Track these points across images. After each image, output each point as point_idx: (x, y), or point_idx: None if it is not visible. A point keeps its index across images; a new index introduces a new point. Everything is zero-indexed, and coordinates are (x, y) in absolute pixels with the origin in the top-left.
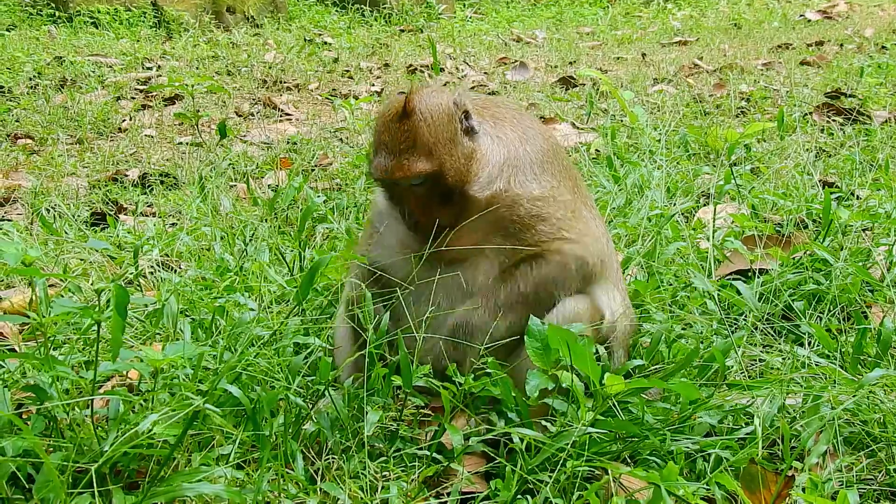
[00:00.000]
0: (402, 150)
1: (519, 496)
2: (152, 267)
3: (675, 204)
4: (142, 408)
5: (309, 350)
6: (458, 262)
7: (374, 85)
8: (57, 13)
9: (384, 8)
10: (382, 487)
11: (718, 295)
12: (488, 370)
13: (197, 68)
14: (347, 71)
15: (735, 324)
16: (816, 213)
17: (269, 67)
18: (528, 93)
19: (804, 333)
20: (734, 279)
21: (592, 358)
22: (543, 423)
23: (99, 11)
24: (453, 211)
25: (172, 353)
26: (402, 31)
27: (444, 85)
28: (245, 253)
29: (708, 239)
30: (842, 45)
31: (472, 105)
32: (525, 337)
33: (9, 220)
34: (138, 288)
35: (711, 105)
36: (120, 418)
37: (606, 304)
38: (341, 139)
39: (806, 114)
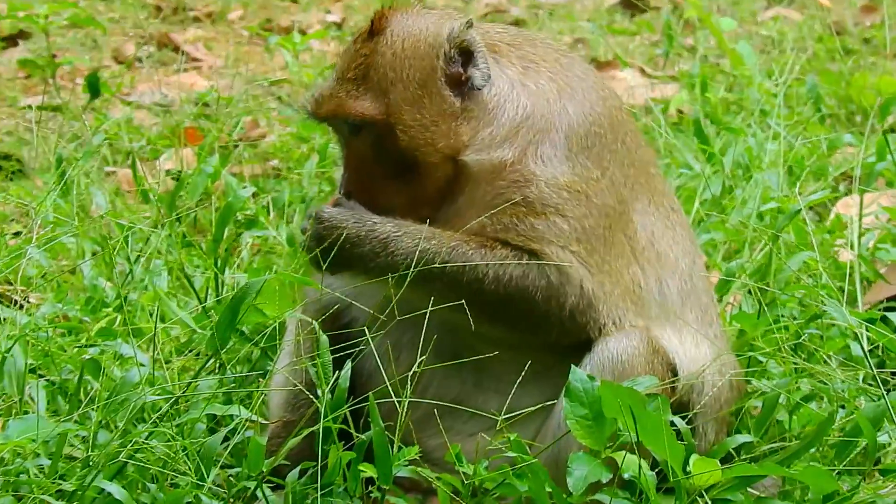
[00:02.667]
0: (344, 76)
1: None
2: None
3: (800, 193)
4: None
5: (231, 426)
6: None
7: (330, 12)
8: None
9: None
10: None
11: (867, 334)
12: (509, 452)
13: None
14: None
15: (892, 379)
16: None
17: None
18: (571, 22)
19: None
20: (891, 309)
21: (671, 431)
22: None
23: None
24: (411, 189)
25: (17, 434)
26: None
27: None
28: (130, 277)
29: (851, 247)
30: None
31: (492, 42)
32: (563, 398)
33: None
34: None
35: (857, 39)
36: None
37: (677, 348)
38: (280, 98)
39: None
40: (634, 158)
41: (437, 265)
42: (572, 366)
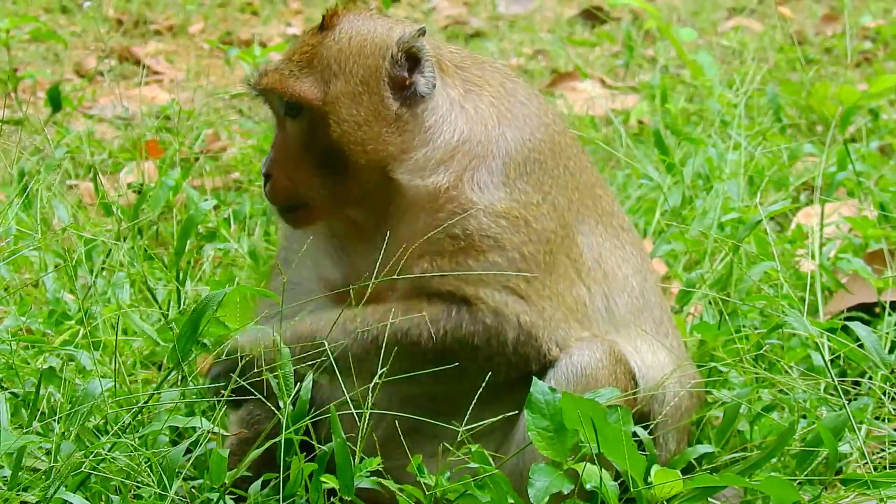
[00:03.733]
0: (290, 57)
1: None
2: None
3: (761, 203)
4: None
5: (193, 438)
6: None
7: (290, 25)
8: None
9: None
10: None
11: (828, 344)
12: (471, 463)
13: (14, 2)
14: (250, 3)
15: (853, 389)
16: None
17: (128, 0)
18: (531, 33)
19: None
20: (852, 319)
21: (632, 442)
22: None
23: None
24: (334, 186)
25: None
26: None
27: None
28: (93, 290)
29: (813, 257)
30: None
31: (441, 58)
32: (525, 410)
33: None
34: None
35: (818, 49)
36: None
37: (635, 357)
38: (241, 110)
39: None
40: (578, 183)
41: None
42: (534, 378)
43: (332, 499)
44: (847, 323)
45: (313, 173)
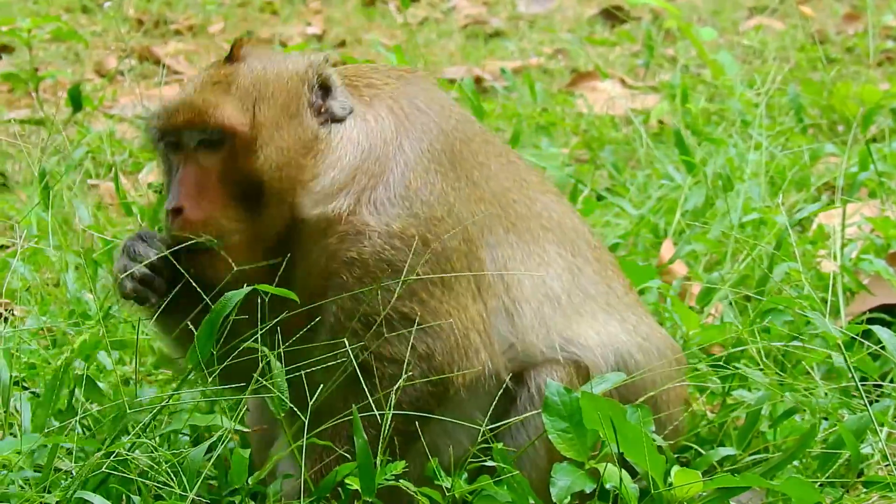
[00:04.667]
0: (202, 88)
1: None
2: None
3: (782, 204)
4: None
5: (216, 437)
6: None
7: (310, 24)
8: None
9: None
10: None
11: (850, 345)
12: (489, 462)
13: (35, 2)
14: (270, 2)
15: (876, 390)
16: None
17: (148, 0)
18: (551, 33)
19: None
20: (874, 320)
21: (651, 442)
22: None
23: None
24: (255, 221)
25: (4, 447)
26: None
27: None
28: (113, 290)
29: (834, 258)
30: None
31: (345, 75)
32: (542, 413)
33: None
34: None
35: (839, 48)
36: None
37: (596, 341)
38: None
39: None
40: (484, 192)
41: None
42: (548, 380)
43: (355, 502)
44: (869, 325)
45: (228, 205)
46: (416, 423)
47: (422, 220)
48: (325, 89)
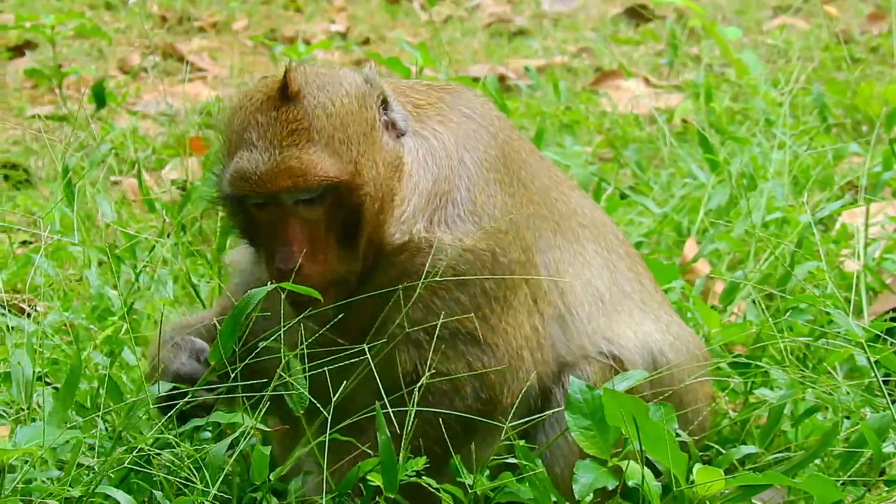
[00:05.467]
0: (286, 141)
1: None
2: None
3: (806, 203)
4: None
5: (238, 433)
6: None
7: (334, 22)
8: None
9: None
10: None
11: (873, 343)
12: (510, 459)
13: None
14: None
15: None
16: None
17: None
18: (575, 31)
19: None
20: None
21: (674, 440)
22: None
23: None
24: (355, 259)
25: (26, 441)
26: None
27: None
28: (136, 286)
29: (857, 257)
30: None
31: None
32: (565, 411)
33: None
34: None
35: (864, 48)
36: None
37: (633, 340)
38: None
39: None
40: (533, 194)
41: None
42: (571, 377)
43: (377, 498)
44: (893, 324)
45: (337, 250)
46: (458, 435)
47: (490, 234)
48: (384, 100)
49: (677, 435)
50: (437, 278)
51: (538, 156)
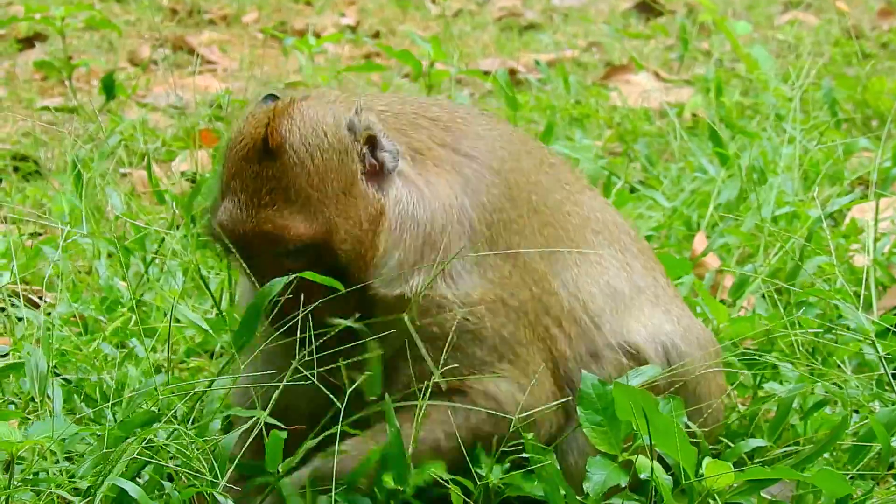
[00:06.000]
0: (264, 200)
1: None
2: (3, 300)
3: (816, 198)
4: None
5: (249, 423)
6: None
7: (344, 15)
8: None
9: None
10: None
11: (883, 337)
12: (524, 453)
13: None
14: None
15: None
16: None
17: None
18: (586, 25)
19: None
20: None
21: (683, 433)
22: None
23: None
24: (347, 303)
25: (37, 433)
26: None
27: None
28: (146, 278)
29: (867, 252)
30: None
31: (382, 117)
32: (577, 406)
33: None
34: None
35: (874, 43)
36: None
37: (644, 334)
38: None
39: None
40: (545, 217)
41: None
42: (583, 372)
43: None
44: None
45: (318, 297)
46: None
47: (495, 282)
48: (372, 141)
49: (687, 428)
50: (444, 338)
51: (548, 166)
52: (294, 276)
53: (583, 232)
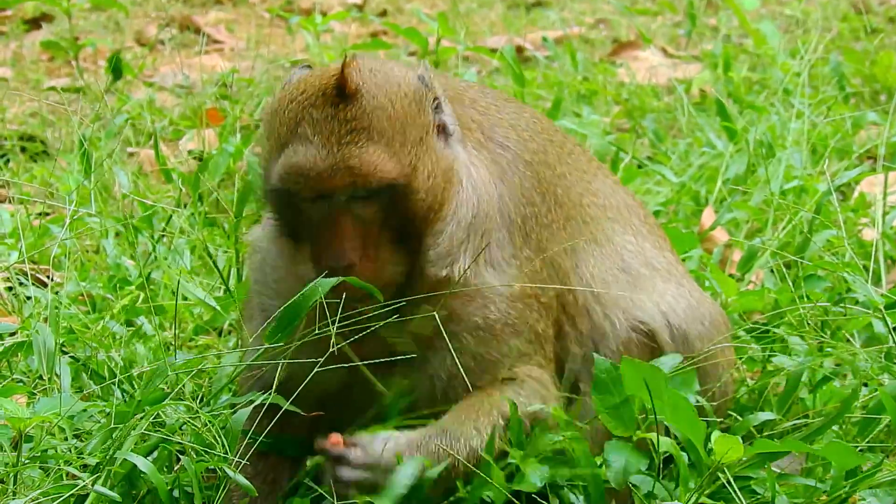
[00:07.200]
0: (346, 139)
1: None
2: (11, 279)
3: (824, 172)
4: None
5: (258, 401)
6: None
7: None
8: None
9: None
10: None
11: (891, 311)
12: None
13: None
14: None
15: None
16: None
17: None
18: (593, 1)
19: None
20: None
21: (692, 408)
22: None
23: None
24: (403, 265)
25: (45, 410)
26: None
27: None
28: (153, 256)
29: (876, 225)
30: None
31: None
32: (592, 392)
33: None
34: None
35: (882, 18)
36: None
37: (655, 310)
38: None
39: None
40: (569, 209)
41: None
42: (595, 356)
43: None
44: None
45: (391, 250)
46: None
47: (530, 277)
48: (437, 102)
49: (696, 402)
50: (487, 329)
51: (567, 154)
52: (339, 279)
53: (599, 223)
